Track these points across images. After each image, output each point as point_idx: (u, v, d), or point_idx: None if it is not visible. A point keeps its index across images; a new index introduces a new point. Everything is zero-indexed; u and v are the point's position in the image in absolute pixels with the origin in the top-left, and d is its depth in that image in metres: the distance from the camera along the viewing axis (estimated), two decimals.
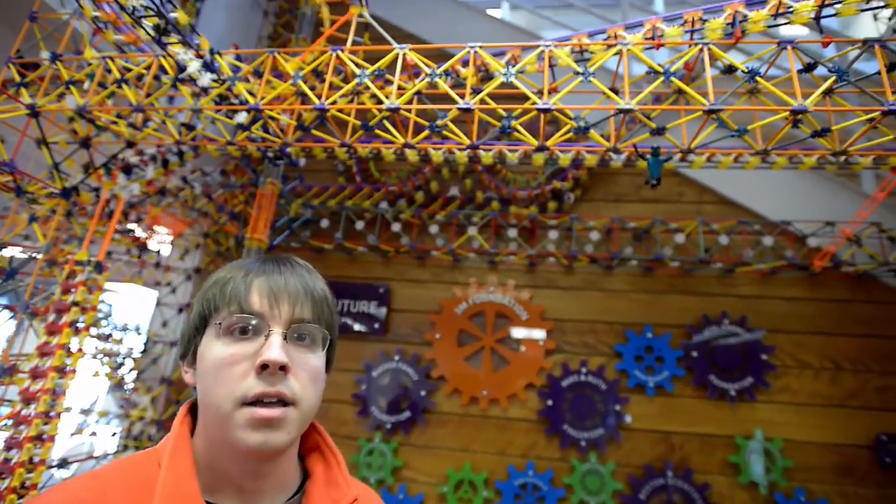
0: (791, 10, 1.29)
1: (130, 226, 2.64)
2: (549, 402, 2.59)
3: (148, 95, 1.77)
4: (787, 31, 3.20)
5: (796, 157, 1.69)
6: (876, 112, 1.17)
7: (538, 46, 1.41)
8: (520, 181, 2.91)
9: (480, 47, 1.44)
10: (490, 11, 3.49)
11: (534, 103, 1.32)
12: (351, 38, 1.63)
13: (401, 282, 2.97)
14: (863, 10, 1.22)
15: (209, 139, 1.96)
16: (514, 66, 1.39)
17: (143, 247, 2.81)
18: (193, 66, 1.71)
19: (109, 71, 1.84)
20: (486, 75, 1.62)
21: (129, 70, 1.81)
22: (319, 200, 3.04)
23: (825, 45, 1.30)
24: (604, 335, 2.71)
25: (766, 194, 2.76)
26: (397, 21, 3.42)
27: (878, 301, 2.57)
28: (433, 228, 2.82)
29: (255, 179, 2.91)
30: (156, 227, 2.84)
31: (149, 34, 1.60)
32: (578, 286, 2.81)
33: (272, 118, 1.67)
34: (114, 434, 2.54)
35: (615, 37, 1.46)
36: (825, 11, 1.27)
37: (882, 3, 1.20)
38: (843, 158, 1.65)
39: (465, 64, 1.58)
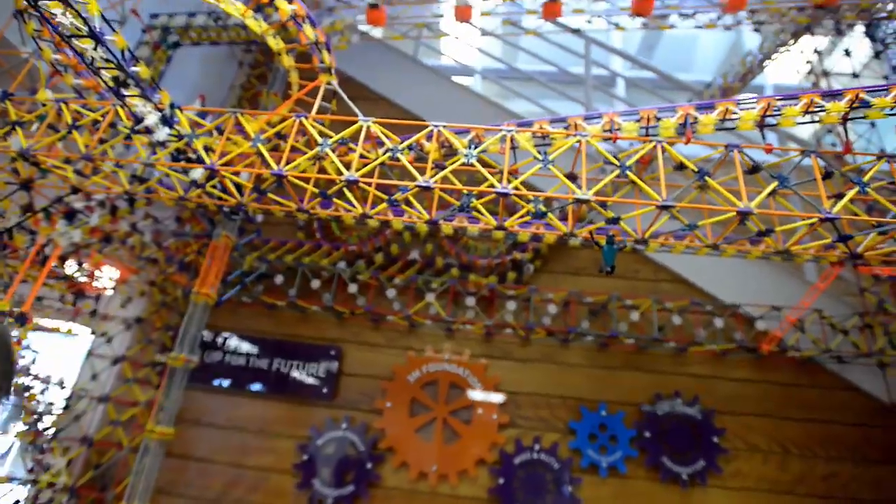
0: (737, 116, 1.38)
1: (69, 271, 2.48)
2: (501, 481, 2.48)
3: (102, 142, 1.71)
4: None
5: (744, 248, 1.75)
6: (814, 219, 1.23)
7: (500, 130, 1.44)
8: (481, 249, 2.92)
9: (444, 127, 1.46)
10: (455, 78, 3.60)
11: (492, 185, 1.33)
12: (317, 105, 1.64)
13: (353, 344, 2.87)
14: (799, 124, 1.31)
15: (161, 191, 1.89)
16: (476, 147, 1.41)
17: (79, 293, 2.63)
18: (151, 119, 1.66)
19: (63, 113, 1.78)
20: (448, 151, 1.64)
21: (84, 116, 1.75)
22: (276, 255, 2.95)
23: (767, 151, 1.38)
24: (558, 410, 2.66)
25: (717, 276, 2.85)
26: (367, 81, 3.49)
27: (821, 386, 2.63)
28: (390, 292, 2.77)
29: (210, 230, 2.81)
30: (98, 271, 2.68)
31: (107, 85, 1.56)
32: (534, 358, 2.78)
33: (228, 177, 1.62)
34: (16, 503, 2.26)
35: (575, 126, 1.51)
36: (767, 121, 1.36)
37: (817, 119, 1.29)
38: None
39: (429, 138, 1.60)
